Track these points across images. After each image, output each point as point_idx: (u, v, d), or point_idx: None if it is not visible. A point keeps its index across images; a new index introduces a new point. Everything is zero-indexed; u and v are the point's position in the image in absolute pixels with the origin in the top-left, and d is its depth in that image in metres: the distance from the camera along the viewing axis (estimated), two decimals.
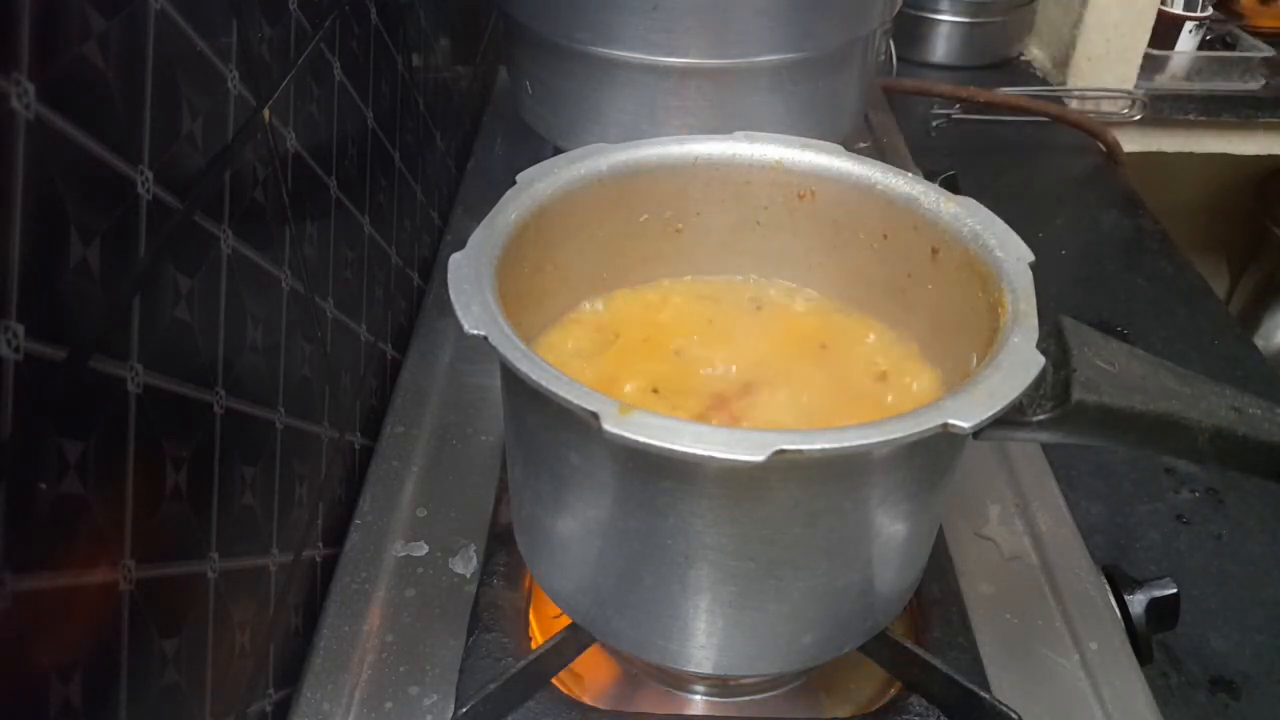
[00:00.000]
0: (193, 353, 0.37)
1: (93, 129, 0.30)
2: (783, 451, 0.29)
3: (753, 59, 0.65)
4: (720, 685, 0.47)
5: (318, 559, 0.52)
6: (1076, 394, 0.32)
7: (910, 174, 0.43)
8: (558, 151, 0.46)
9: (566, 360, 0.44)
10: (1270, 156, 1.32)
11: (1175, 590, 0.50)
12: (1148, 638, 0.49)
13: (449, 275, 0.36)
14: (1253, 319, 1.52)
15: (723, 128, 0.47)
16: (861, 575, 0.37)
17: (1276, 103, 1.27)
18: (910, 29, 1.23)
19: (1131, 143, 1.15)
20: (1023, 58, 1.30)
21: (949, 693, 0.43)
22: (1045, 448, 0.60)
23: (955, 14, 1.22)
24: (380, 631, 0.48)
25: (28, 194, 0.27)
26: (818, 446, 0.29)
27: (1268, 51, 1.32)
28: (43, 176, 0.28)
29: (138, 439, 0.33)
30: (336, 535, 0.54)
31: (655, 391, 0.43)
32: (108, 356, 0.31)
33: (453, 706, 0.44)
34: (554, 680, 0.45)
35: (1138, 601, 0.50)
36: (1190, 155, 1.29)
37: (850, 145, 0.47)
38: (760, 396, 0.43)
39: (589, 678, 0.48)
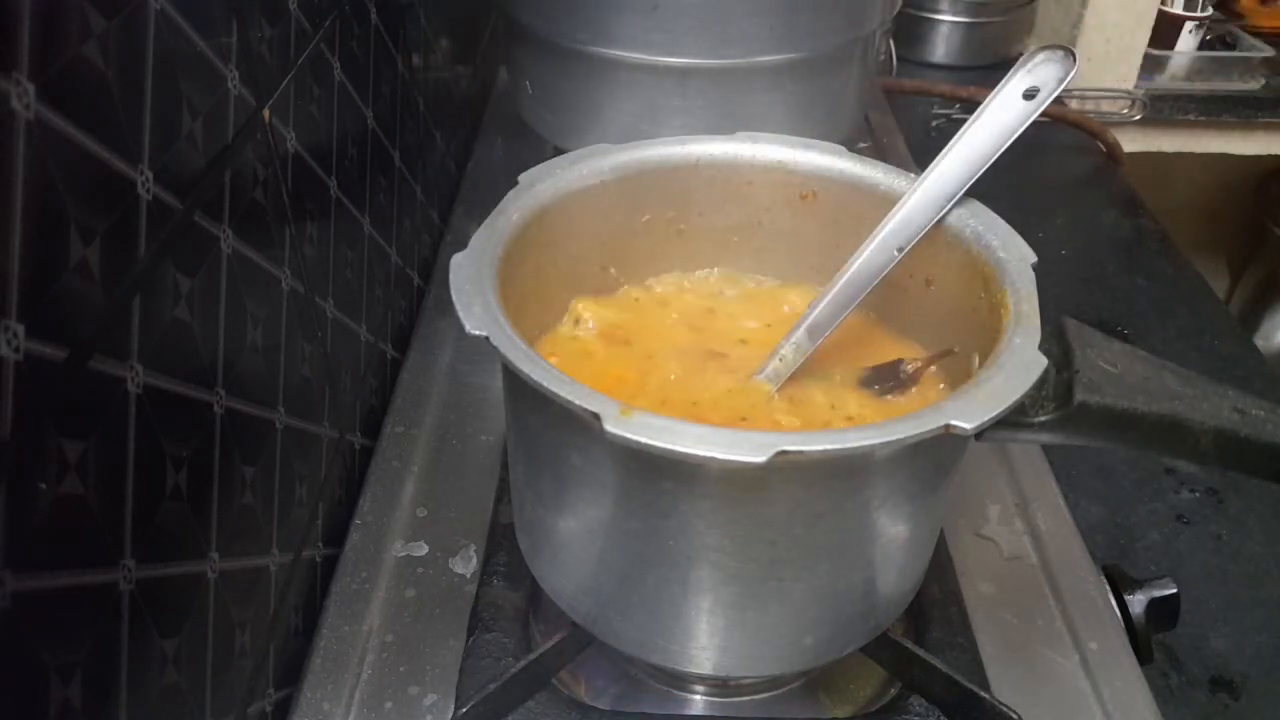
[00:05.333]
0: (193, 353, 0.37)
1: (93, 129, 0.30)
2: (784, 452, 0.29)
3: (753, 59, 0.64)
4: (721, 685, 0.47)
5: (318, 559, 0.52)
6: (1079, 395, 0.32)
7: (912, 174, 0.43)
8: (558, 152, 0.46)
9: (568, 361, 0.44)
10: (1270, 156, 1.32)
11: (1175, 590, 0.50)
12: (1148, 638, 0.49)
13: (451, 275, 0.36)
14: (1253, 319, 1.52)
15: (723, 128, 0.47)
16: (863, 576, 0.37)
17: (1276, 103, 1.27)
18: (910, 29, 1.22)
19: (1131, 143, 1.15)
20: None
21: (949, 693, 0.43)
22: (1045, 448, 0.60)
23: (955, 14, 1.22)
24: (380, 631, 0.48)
25: (28, 194, 0.27)
26: (819, 447, 0.29)
27: (1268, 51, 1.32)
28: (43, 176, 0.27)
29: (138, 439, 0.33)
30: (336, 535, 0.54)
31: (660, 394, 0.43)
32: (108, 356, 0.31)
33: (453, 706, 0.44)
34: (554, 680, 0.45)
35: (1138, 601, 0.50)
36: (1190, 155, 1.29)
37: (850, 145, 0.47)
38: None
39: (589, 678, 0.48)
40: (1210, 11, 1.30)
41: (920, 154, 0.90)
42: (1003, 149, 0.39)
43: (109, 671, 0.32)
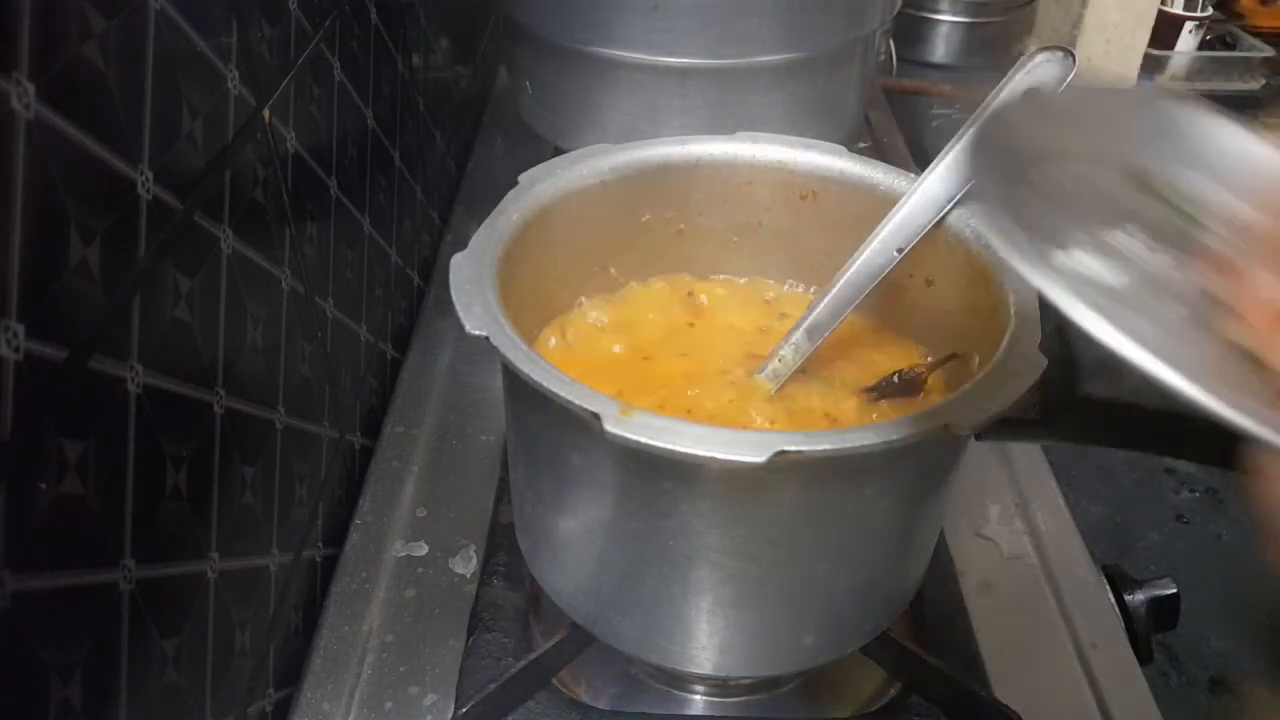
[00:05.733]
0: (193, 353, 0.37)
1: (93, 129, 0.30)
2: (784, 452, 0.29)
3: (753, 59, 0.65)
4: (720, 685, 0.47)
5: (318, 559, 0.52)
6: (1079, 394, 0.32)
7: (911, 174, 0.43)
8: (558, 151, 0.46)
9: (568, 361, 0.44)
10: None
11: (1175, 590, 0.50)
12: (1148, 638, 0.49)
13: (451, 275, 0.36)
14: None
15: (723, 128, 0.47)
16: (863, 576, 0.37)
17: (1277, 103, 1.27)
18: (910, 29, 1.22)
19: None
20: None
21: (949, 692, 0.43)
22: (1045, 448, 0.60)
23: (955, 14, 1.22)
24: (380, 631, 0.48)
25: (28, 194, 0.27)
26: (819, 447, 0.29)
27: (1268, 51, 1.32)
28: (43, 176, 0.27)
29: (138, 439, 0.33)
30: (336, 535, 0.54)
31: (661, 396, 0.43)
32: (108, 356, 0.31)
33: (453, 706, 0.44)
34: (554, 680, 0.45)
35: (1138, 601, 0.50)
36: None
37: (850, 145, 0.47)
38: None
39: (589, 678, 0.48)
40: (1210, 11, 1.30)
41: (920, 154, 0.90)
42: None
43: (109, 671, 0.32)
